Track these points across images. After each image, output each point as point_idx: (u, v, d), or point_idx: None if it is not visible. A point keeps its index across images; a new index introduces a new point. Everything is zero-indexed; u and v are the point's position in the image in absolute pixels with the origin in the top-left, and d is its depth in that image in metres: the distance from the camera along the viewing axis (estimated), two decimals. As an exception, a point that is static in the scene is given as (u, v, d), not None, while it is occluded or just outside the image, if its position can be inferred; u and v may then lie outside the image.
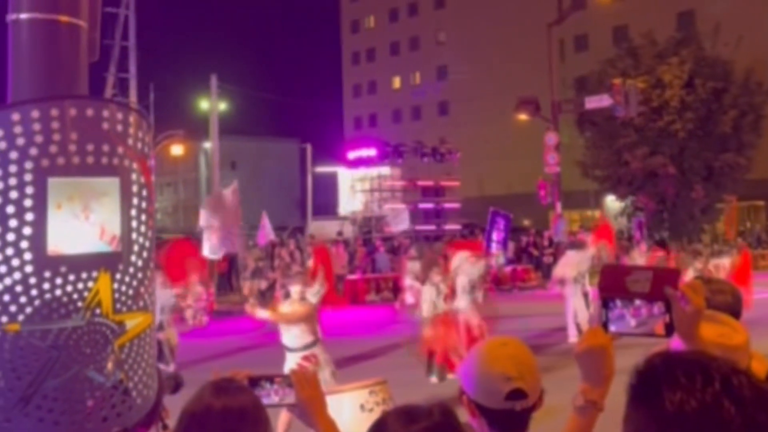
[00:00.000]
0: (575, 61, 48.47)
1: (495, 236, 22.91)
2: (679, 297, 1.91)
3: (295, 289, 8.88)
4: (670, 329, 1.93)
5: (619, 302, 2.00)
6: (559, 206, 30.62)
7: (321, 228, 36.00)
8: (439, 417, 1.83)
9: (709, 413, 1.38)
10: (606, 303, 2.01)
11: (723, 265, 17.49)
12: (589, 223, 44.28)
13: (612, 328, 2.00)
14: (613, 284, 1.99)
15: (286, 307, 8.87)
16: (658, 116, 35.61)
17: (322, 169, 47.19)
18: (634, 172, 36.22)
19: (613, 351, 2.01)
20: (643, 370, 1.51)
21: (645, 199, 36.78)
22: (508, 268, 27.16)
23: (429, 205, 39.09)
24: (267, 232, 27.49)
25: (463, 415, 2.14)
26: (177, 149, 39.30)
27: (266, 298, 14.88)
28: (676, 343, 1.97)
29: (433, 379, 11.66)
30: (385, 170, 39.42)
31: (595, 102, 31.86)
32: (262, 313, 8.89)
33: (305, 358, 8.43)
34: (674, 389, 1.42)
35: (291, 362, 8.34)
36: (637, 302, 2.04)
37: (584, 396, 2.00)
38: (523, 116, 34.49)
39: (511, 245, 28.01)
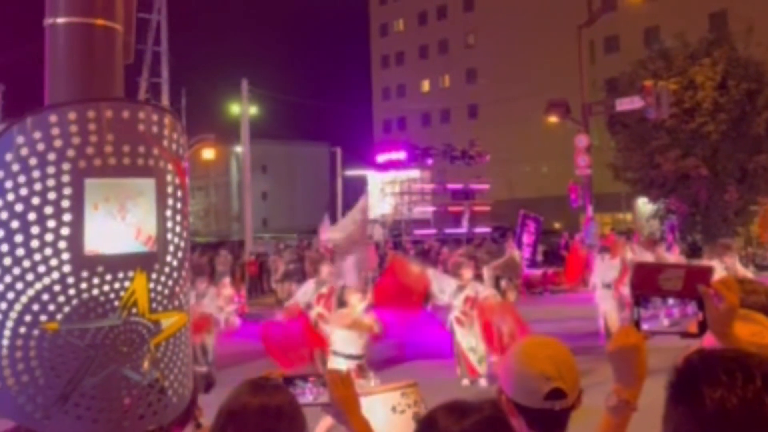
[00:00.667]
0: (606, 62, 48.13)
1: (525, 239, 22.81)
2: (712, 294, 1.89)
3: (355, 297, 8.94)
4: (703, 327, 1.91)
5: (652, 302, 1.99)
6: (590, 209, 30.38)
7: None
8: (490, 411, 1.83)
9: (750, 410, 1.37)
10: (638, 301, 1.99)
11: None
12: (621, 226, 43.95)
13: (644, 326, 1.98)
14: (645, 282, 1.97)
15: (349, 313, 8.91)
16: (690, 118, 35.22)
17: (351, 172, 47.29)
18: (666, 174, 35.85)
19: (645, 350, 1.99)
20: (682, 369, 1.50)
21: (677, 202, 36.40)
22: (539, 271, 27.01)
23: (459, 208, 38.99)
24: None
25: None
26: (208, 153, 39.61)
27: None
28: (709, 340, 1.95)
29: (465, 381, 11.63)
30: (414, 173, 39.42)
31: (627, 104, 31.56)
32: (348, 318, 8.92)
33: (358, 367, 8.47)
34: (714, 387, 1.41)
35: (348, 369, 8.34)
36: (670, 302, 2.02)
37: (617, 396, 1.98)
38: (553, 118, 34.25)
39: (540, 248, 27.86)
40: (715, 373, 1.42)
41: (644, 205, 41.81)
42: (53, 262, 2.57)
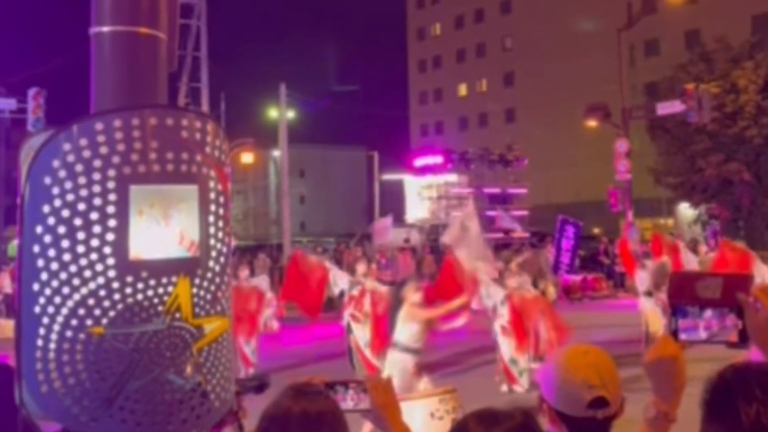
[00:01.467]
0: (646, 66, 47.60)
1: (564, 244, 22.62)
2: (751, 303, 1.85)
3: (413, 293, 9.00)
4: (743, 337, 1.88)
5: (690, 312, 1.95)
6: (630, 214, 30.07)
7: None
8: (521, 419, 1.83)
9: None
10: (675, 310, 1.96)
11: None
12: (662, 231, 43.41)
13: (682, 336, 1.95)
14: (682, 291, 1.94)
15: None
16: (732, 122, 34.72)
17: (388, 176, 47.32)
18: (708, 179, 35.37)
19: (684, 361, 1.96)
20: (715, 384, 1.48)
21: (719, 207, 35.87)
22: (578, 277, 26.77)
23: (496, 213, 38.78)
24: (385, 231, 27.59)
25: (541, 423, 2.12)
26: (247, 157, 39.88)
27: (335, 304, 14.94)
28: (755, 354, 1.91)
29: (504, 387, 11.58)
30: (451, 177, 39.28)
31: (667, 108, 31.20)
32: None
33: (417, 364, 8.53)
34: (749, 402, 1.38)
35: (404, 362, 8.39)
36: (708, 313, 1.97)
37: (656, 407, 1.96)
38: (592, 122, 33.99)
39: (580, 254, 27.60)
40: (750, 389, 1.40)
41: (685, 210, 41.27)
42: (99, 267, 2.61)
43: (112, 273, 2.61)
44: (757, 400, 1.38)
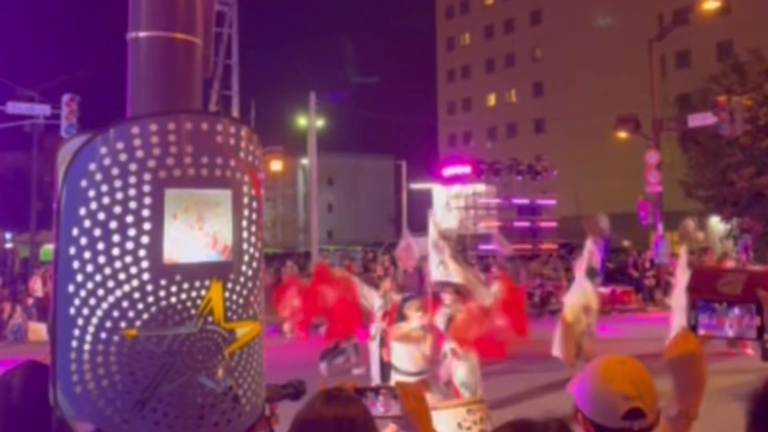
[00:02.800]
0: (677, 77, 47.27)
1: (593, 256, 22.41)
2: None
3: (415, 312, 8.87)
4: (761, 332, 1.86)
5: (717, 309, 1.93)
6: (660, 227, 29.82)
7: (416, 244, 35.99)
8: (557, 429, 1.81)
9: None
10: (695, 305, 1.95)
11: None
12: (693, 245, 42.93)
13: (701, 331, 1.93)
14: (703, 286, 1.93)
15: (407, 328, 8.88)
16: (765, 135, 34.36)
17: (416, 185, 47.32)
18: (739, 192, 35.00)
19: (705, 358, 1.94)
20: (763, 396, 1.45)
21: (751, 221, 35.46)
22: (607, 290, 26.56)
23: (524, 224, 38.58)
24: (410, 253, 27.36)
25: (576, 432, 2.10)
26: (276, 165, 40.08)
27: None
28: None
29: None
30: (480, 187, 39.15)
31: (699, 120, 30.96)
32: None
33: (425, 382, 8.43)
34: None
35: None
36: (736, 312, 1.95)
37: (677, 405, 1.93)
38: (622, 134, 33.80)
39: (608, 266, 27.36)
40: None
41: (717, 223, 40.83)
42: (133, 270, 2.62)
43: (146, 276, 2.63)
44: None
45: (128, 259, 2.63)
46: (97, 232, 2.65)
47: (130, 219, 2.66)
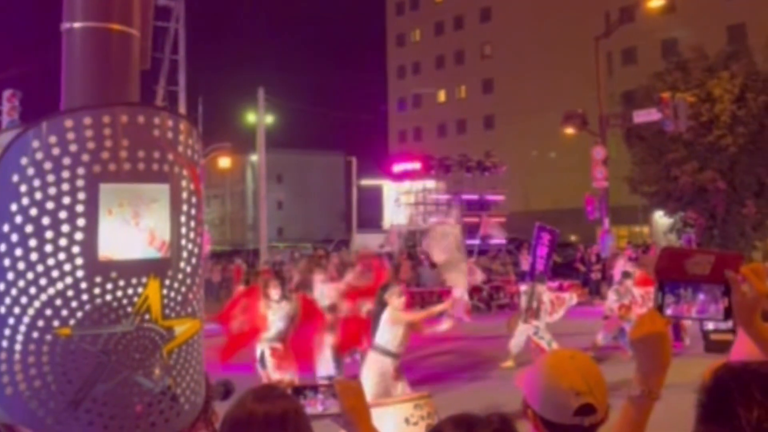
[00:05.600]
0: (623, 74, 47.96)
1: (539, 251, 22.63)
2: (740, 281, 1.84)
3: (397, 298, 8.95)
4: (728, 313, 1.87)
5: (682, 295, 1.93)
6: (606, 222, 30.26)
7: (365, 241, 36.04)
8: (499, 425, 1.80)
9: None
10: (662, 286, 1.94)
11: None
12: (638, 239, 43.66)
13: (668, 311, 1.93)
14: (671, 266, 1.92)
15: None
16: (707, 131, 34.99)
17: (366, 182, 47.30)
18: (683, 187, 35.62)
19: (670, 338, 1.94)
20: (713, 387, 1.45)
21: (695, 215, 36.11)
22: (554, 284, 26.83)
23: (473, 219, 38.84)
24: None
25: (523, 428, 2.09)
26: (224, 162, 39.70)
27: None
28: (737, 353, 1.90)
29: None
30: (430, 184, 39.29)
31: (644, 116, 31.47)
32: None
33: (396, 369, 8.50)
34: (750, 407, 1.36)
35: (384, 365, 8.37)
36: (701, 297, 1.95)
37: (640, 385, 1.93)
38: (569, 130, 34.20)
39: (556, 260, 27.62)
40: (750, 392, 1.37)
41: (661, 218, 41.56)
42: (67, 267, 2.55)
43: (80, 273, 2.56)
44: (758, 405, 1.35)
45: (62, 256, 2.56)
46: (29, 229, 2.58)
47: (63, 215, 2.59)
